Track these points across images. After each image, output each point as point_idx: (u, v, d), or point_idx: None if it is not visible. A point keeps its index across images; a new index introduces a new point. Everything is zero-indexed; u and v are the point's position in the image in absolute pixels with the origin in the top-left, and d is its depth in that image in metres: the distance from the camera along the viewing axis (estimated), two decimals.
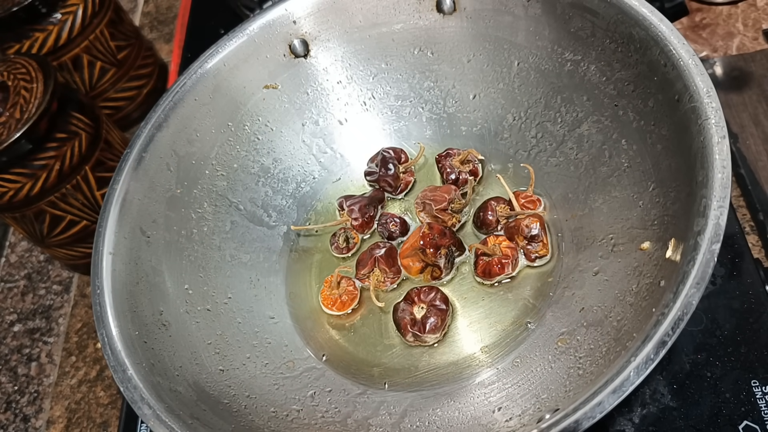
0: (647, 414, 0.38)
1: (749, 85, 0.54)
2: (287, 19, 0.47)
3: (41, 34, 0.60)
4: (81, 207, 0.55)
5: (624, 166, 0.39)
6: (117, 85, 0.69)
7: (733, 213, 0.46)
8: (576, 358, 0.34)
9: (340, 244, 0.47)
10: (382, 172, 0.48)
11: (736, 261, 0.43)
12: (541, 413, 0.32)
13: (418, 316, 0.40)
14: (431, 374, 0.40)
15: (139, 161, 0.42)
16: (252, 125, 0.48)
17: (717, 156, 0.30)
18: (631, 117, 0.39)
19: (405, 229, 0.46)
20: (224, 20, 0.68)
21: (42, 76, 0.50)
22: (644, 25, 0.36)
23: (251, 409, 0.37)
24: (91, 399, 0.56)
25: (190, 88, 0.45)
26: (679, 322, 0.27)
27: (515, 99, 0.46)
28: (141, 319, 0.38)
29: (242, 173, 0.48)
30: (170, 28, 0.84)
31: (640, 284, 0.33)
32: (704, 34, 0.60)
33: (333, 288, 0.44)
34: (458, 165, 0.46)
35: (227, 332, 0.41)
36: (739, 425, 0.37)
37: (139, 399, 0.33)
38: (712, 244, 0.28)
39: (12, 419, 0.57)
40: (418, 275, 0.44)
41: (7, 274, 0.68)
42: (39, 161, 0.50)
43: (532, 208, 0.43)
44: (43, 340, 0.62)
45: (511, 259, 0.41)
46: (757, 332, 0.40)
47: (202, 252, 0.44)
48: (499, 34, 0.45)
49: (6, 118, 0.49)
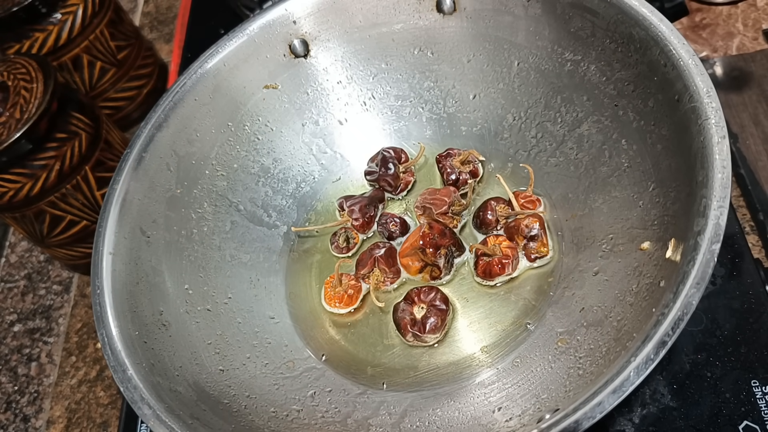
0: (647, 414, 0.38)
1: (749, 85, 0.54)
2: (287, 19, 0.47)
3: (41, 34, 0.60)
4: (81, 207, 0.55)
5: (624, 166, 0.39)
6: (117, 85, 0.69)
7: (733, 213, 0.46)
8: (576, 358, 0.34)
9: (340, 244, 0.47)
10: (381, 171, 0.48)
11: (736, 261, 0.43)
12: (541, 413, 0.32)
13: (418, 316, 0.40)
14: (431, 374, 0.40)
15: (139, 161, 0.42)
16: (252, 125, 0.48)
17: (717, 156, 0.30)
18: (631, 117, 0.39)
19: (405, 229, 0.46)
20: (224, 20, 0.68)
21: (42, 76, 0.50)
22: (644, 25, 0.36)
23: (251, 409, 0.37)
24: (91, 399, 0.56)
25: (190, 88, 0.45)
26: (679, 322, 0.27)
27: (515, 99, 0.46)
28: (141, 319, 0.38)
29: (242, 173, 0.48)
30: (170, 28, 0.84)
31: (640, 284, 0.33)
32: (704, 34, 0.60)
33: (335, 286, 0.44)
34: (459, 165, 0.46)
35: (227, 332, 0.41)
36: (739, 425, 0.37)
37: (139, 399, 0.33)
38: (712, 244, 0.28)
39: (12, 419, 0.57)
40: (418, 275, 0.44)
41: (7, 274, 0.68)
42: (39, 161, 0.50)
43: (532, 208, 0.43)
44: (43, 340, 0.62)
45: (512, 259, 0.41)
46: (757, 332, 0.40)
47: (202, 252, 0.44)
48: (499, 34, 0.45)
49: (6, 118, 0.49)
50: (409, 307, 0.41)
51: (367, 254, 0.44)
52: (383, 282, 0.44)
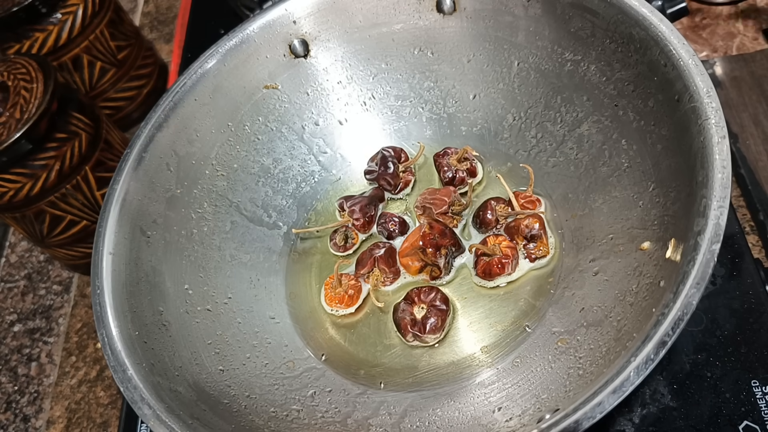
0: (647, 414, 0.38)
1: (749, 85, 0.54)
2: (287, 19, 0.47)
3: (41, 34, 0.60)
4: (81, 207, 0.55)
5: (624, 166, 0.39)
6: (117, 85, 0.69)
7: (733, 213, 0.46)
8: (576, 358, 0.34)
9: (339, 242, 0.47)
10: (381, 170, 0.48)
11: (736, 261, 0.43)
12: (541, 413, 0.32)
13: (419, 316, 0.40)
14: (431, 374, 0.40)
15: (139, 161, 0.42)
16: (252, 125, 0.48)
17: (717, 156, 0.30)
18: (631, 117, 0.39)
19: (404, 229, 0.46)
20: (224, 20, 0.68)
21: (42, 76, 0.50)
22: (644, 25, 0.36)
23: (251, 409, 0.37)
24: (91, 399, 0.56)
25: (190, 88, 0.45)
26: (679, 322, 0.27)
27: (515, 99, 0.46)
28: (141, 319, 0.38)
29: (242, 173, 0.48)
30: (170, 28, 0.84)
31: (640, 284, 0.33)
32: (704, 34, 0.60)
33: (335, 287, 0.44)
34: (455, 163, 0.46)
35: (227, 332, 0.41)
36: (739, 425, 0.37)
37: (139, 399, 0.33)
38: (712, 244, 0.28)
39: (12, 419, 0.57)
40: (417, 275, 0.44)
41: (7, 274, 0.68)
42: (39, 161, 0.50)
43: (532, 208, 0.43)
44: (43, 340, 0.62)
45: (511, 258, 0.41)
46: (757, 332, 0.40)
47: (202, 252, 0.44)
48: (499, 34, 0.45)
49: (6, 118, 0.49)
50: (410, 308, 0.41)
51: (367, 254, 0.44)
52: (383, 282, 0.44)
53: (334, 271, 0.44)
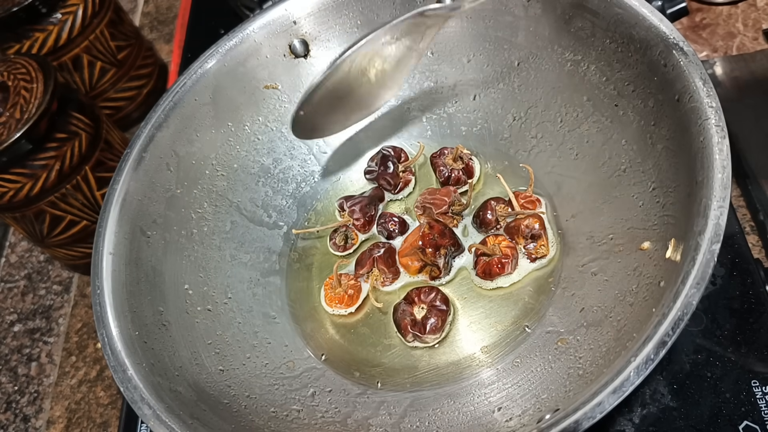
0: (647, 414, 0.38)
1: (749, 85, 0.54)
2: (287, 19, 0.47)
3: (41, 34, 0.60)
4: (81, 207, 0.55)
5: (624, 166, 0.39)
6: (117, 85, 0.69)
7: (733, 213, 0.46)
8: (576, 358, 0.34)
9: (338, 242, 0.47)
10: (381, 170, 0.48)
11: (736, 261, 0.43)
12: (541, 413, 0.32)
13: (419, 316, 0.40)
14: (431, 374, 0.40)
15: (139, 161, 0.42)
16: (252, 125, 0.48)
17: (717, 156, 0.30)
18: (631, 117, 0.39)
19: (404, 229, 0.46)
20: (224, 20, 0.68)
21: (42, 76, 0.50)
22: (644, 25, 0.36)
23: (251, 409, 0.37)
24: (91, 399, 0.56)
25: (190, 88, 0.45)
26: (679, 322, 0.27)
27: (515, 99, 0.46)
28: (141, 319, 0.38)
29: (242, 173, 0.48)
30: (170, 28, 0.84)
31: (640, 284, 0.33)
32: (704, 34, 0.60)
33: (335, 287, 0.44)
34: (451, 163, 0.47)
35: (227, 332, 0.41)
36: (739, 425, 0.37)
37: (139, 399, 0.33)
38: (712, 244, 0.28)
39: (12, 419, 0.57)
40: (417, 275, 0.44)
41: (7, 274, 0.68)
42: (39, 161, 0.50)
43: (532, 208, 0.43)
44: (43, 340, 0.62)
45: (511, 258, 0.41)
46: (757, 332, 0.40)
47: (202, 252, 0.44)
48: (499, 34, 0.45)
49: (6, 118, 0.49)
50: (410, 308, 0.41)
51: (367, 254, 0.44)
52: (382, 282, 0.44)
53: (334, 271, 0.44)
